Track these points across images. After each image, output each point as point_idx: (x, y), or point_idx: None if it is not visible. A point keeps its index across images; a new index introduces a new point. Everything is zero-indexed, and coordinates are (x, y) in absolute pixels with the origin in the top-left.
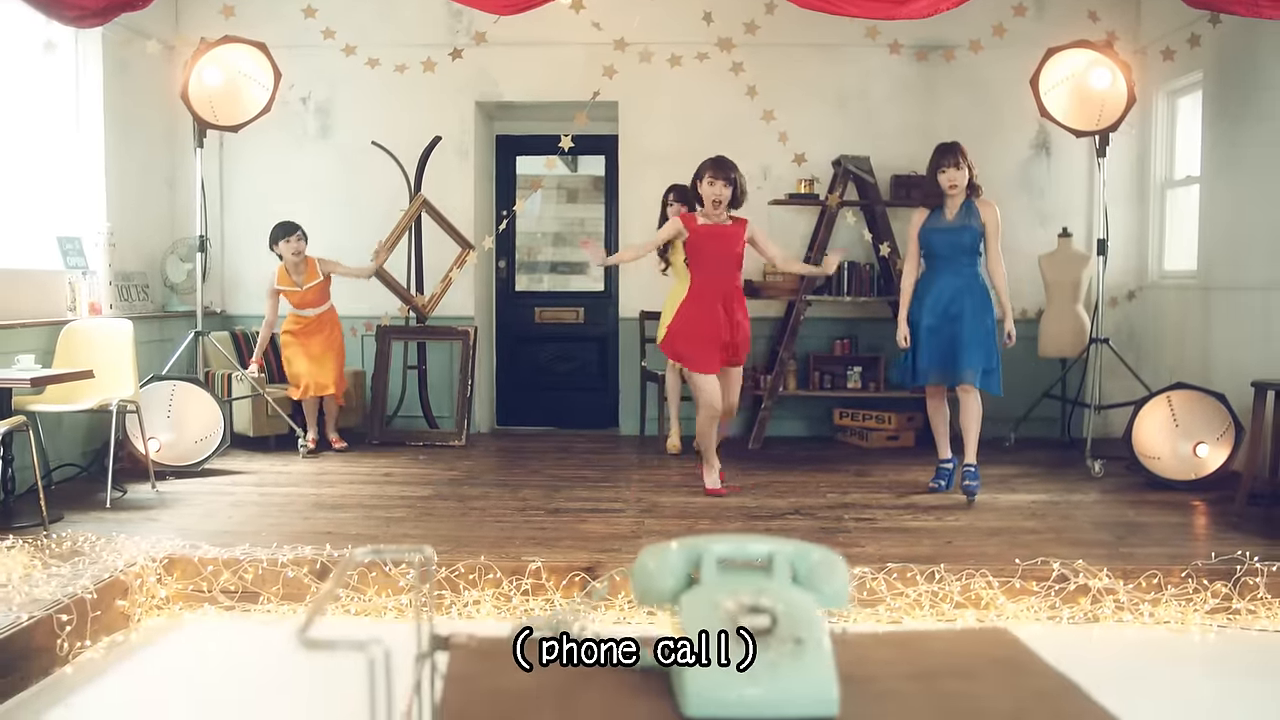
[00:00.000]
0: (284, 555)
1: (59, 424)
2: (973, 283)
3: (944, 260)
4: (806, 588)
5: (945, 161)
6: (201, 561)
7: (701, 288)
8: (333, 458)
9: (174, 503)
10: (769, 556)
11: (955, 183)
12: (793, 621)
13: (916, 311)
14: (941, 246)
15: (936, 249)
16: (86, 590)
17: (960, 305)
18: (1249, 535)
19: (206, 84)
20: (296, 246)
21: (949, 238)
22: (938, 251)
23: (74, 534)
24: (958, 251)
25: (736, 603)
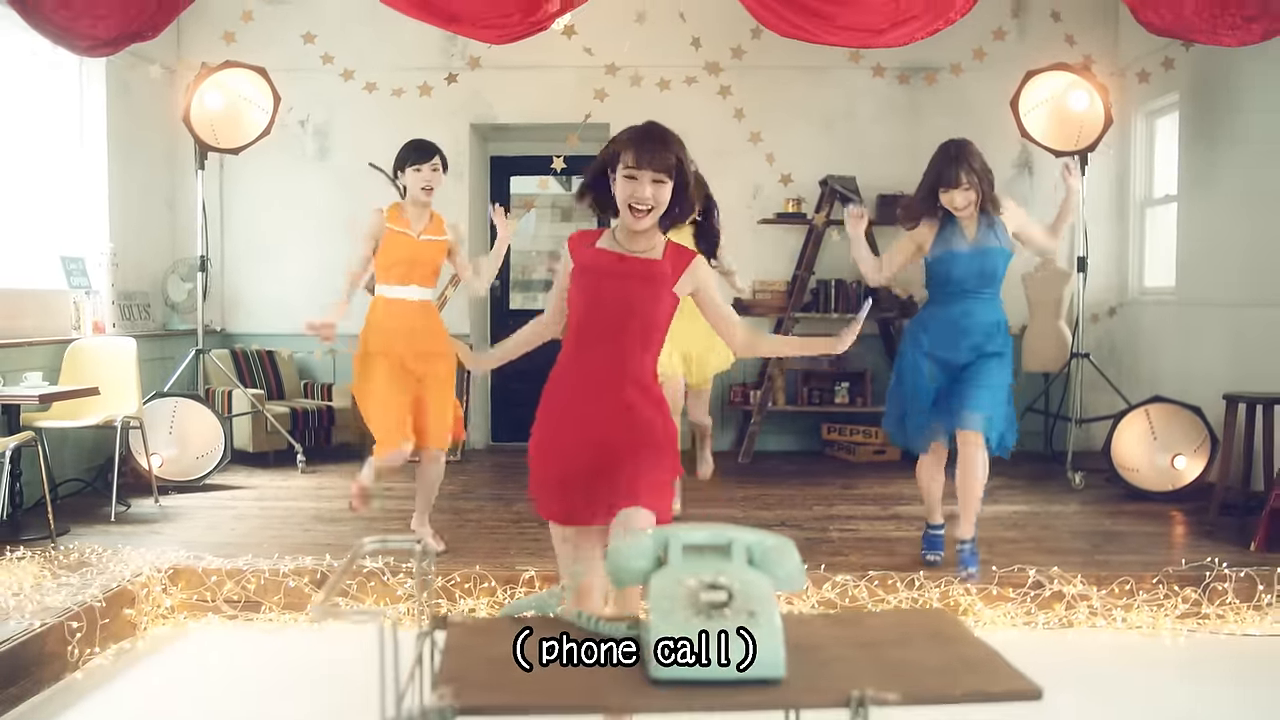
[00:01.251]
0: (285, 566)
1: (64, 440)
2: (994, 322)
3: (960, 294)
4: (762, 570)
5: (948, 178)
6: (205, 572)
7: (583, 360)
8: (330, 471)
9: (177, 516)
10: (728, 542)
11: (960, 207)
12: (747, 597)
13: (913, 353)
14: (960, 276)
15: (953, 279)
16: (96, 599)
17: (977, 350)
18: (1221, 543)
19: (207, 107)
20: (430, 178)
21: (970, 265)
22: (954, 283)
23: (81, 546)
24: (981, 282)
25: (698, 580)
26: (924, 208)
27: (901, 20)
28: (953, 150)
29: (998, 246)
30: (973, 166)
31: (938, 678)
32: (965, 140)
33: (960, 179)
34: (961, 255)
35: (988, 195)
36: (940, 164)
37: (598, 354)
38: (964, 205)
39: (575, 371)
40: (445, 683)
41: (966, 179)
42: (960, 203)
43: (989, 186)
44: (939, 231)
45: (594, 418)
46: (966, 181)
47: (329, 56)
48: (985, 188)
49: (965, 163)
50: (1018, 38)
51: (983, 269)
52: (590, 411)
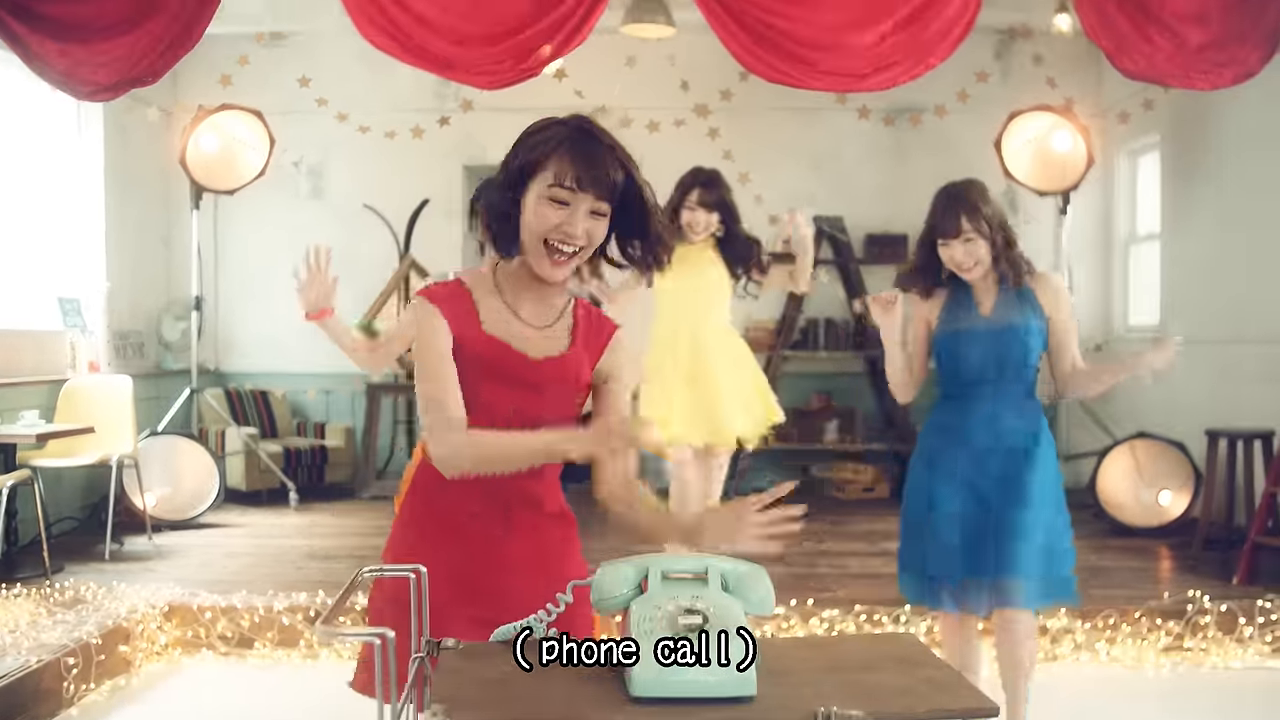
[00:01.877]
0: (279, 603)
1: (58, 479)
2: (1029, 430)
3: (976, 389)
4: (735, 595)
5: (945, 226)
6: (199, 609)
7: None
8: (323, 510)
9: (171, 554)
10: (704, 569)
11: (965, 266)
12: (721, 620)
13: (924, 476)
14: (975, 364)
15: (966, 368)
16: (91, 636)
17: (1008, 474)
18: (1204, 577)
19: (203, 149)
20: None
21: (986, 348)
22: (967, 373)
23: (76, 583)
24: (1000, 370)
25: (675, 605)
26: (924, 273)
27: (884, 66)
28: (951, 192)
29: (1025, 322)
30: (977, 209)
31: (903, 697)
32: (969, 180)
33: (960, 226)
34: (975, 334)
35: (1001, 250)
36: (936, 211)
37: None
38: (968, 263)
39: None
40: (437, 702)
41: (970, 225)
42: (962, 258)
43: (1003, 238)
44: (946, 303)
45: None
46: (970, 228)
47: (324, 100)
48: (997, 238)
49: (966, 205)
50: (1001, 80)
51: (1004, 354)
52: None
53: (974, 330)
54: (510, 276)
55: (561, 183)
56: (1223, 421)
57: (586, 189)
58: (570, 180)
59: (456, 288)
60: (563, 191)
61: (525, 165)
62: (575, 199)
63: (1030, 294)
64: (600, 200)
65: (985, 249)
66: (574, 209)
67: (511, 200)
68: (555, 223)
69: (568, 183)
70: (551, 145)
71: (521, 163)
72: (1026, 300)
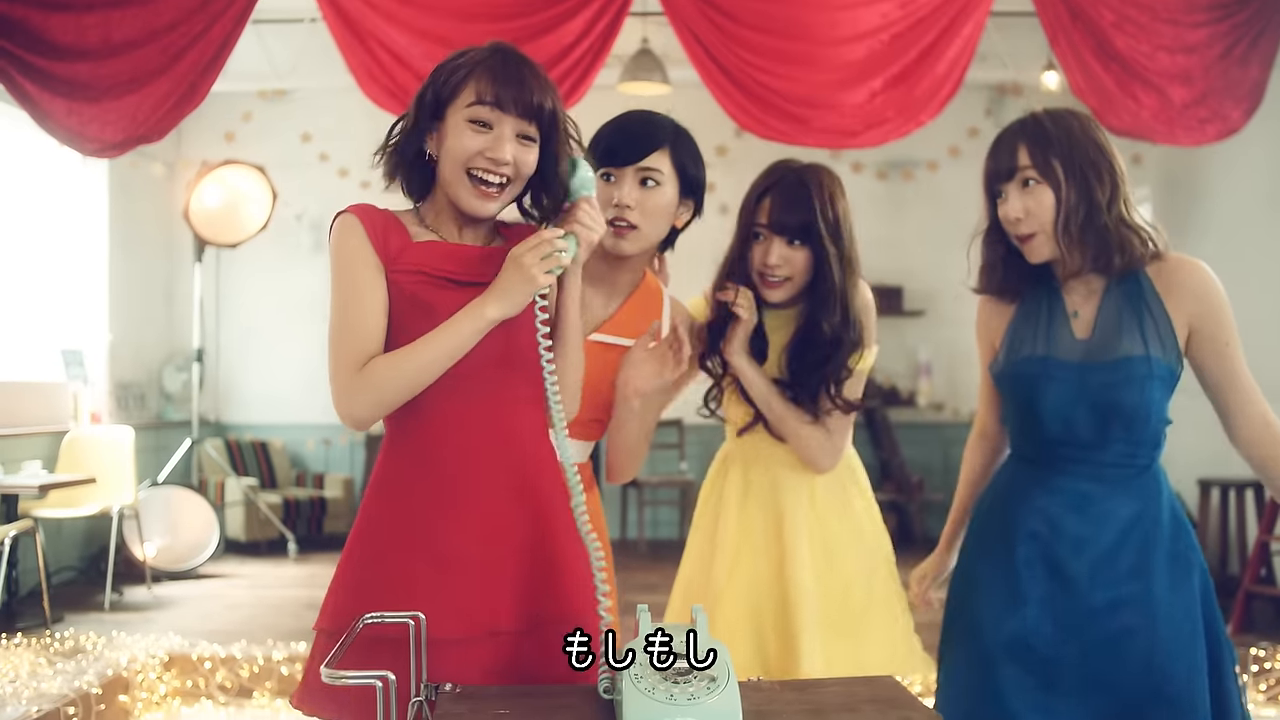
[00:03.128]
0: (278, 653)
1: (59, 529)
2: (1154, 517)
3: (1058, 451)
4: None
5: (997, 166)
6: (199, 659)
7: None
8: (322, 560)
9: (170, 604)
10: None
11: (1020, 231)
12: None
13: (985, 575)
14: (1059, 414)
15: (1044, 421)
16: (91, 686)
17: (1123, 593)
18: None
19: (206, 203)
20: None
21: (1079, 390)
22: (1047, 428)
23: (76, 633)
24: (1104, 430)
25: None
26: (992, 270)
27: (875, 123)
28: (1012, 127)
29: (1143, 353)
30: (1049, 141)
31: None
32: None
33: (1020, 162)
34: (1060, 367)
35: (1091, 217)
36: (991, 154)
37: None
38: (1026, 223)
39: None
40: None
41: (1033, 162)
42: (1016, 214)
43: (1097, 197)
44: (1016, 314)
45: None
46: (1034, 167)
47: (326, 155)
48: (1085, 194)
49: (1031, 133)
50: (992, 135)
51: (1111, 402)
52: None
53: (1062, 360)
54: (438, 215)
55: (483, 100)
56: (1215, 471)
57: (509, 110)
58: (491, 97)
59: (387, 211)
60: (484, 110)
61: (440, 93)
62: (499, 120)
63: (1152, 294)
64: (525, 123)
65: (1051, 202)
66: (498, 132)
67: (426, 135)
68: (478, 148)
69: (489, 99)
70: (469, 67)
71: (436, 91)
72: (1147, 309)
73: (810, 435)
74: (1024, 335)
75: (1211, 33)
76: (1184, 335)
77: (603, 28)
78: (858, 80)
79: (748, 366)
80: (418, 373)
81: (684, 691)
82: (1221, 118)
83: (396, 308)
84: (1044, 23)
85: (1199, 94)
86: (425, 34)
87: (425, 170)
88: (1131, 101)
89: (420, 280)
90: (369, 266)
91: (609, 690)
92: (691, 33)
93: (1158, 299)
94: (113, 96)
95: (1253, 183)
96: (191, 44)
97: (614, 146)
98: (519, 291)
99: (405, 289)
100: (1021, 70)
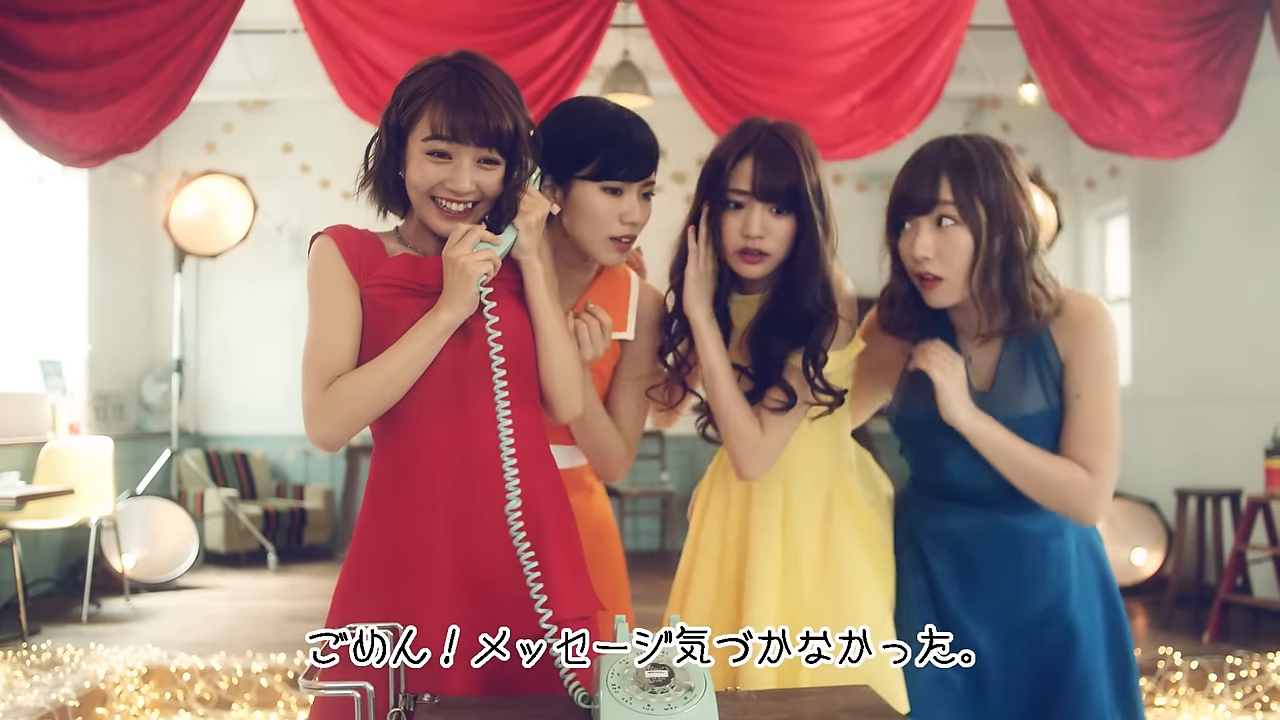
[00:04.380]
0: (258, 665)
1: (36, 541)
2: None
3: (952, 489)
4: None
5: (912, 197)
6: (178, 671)
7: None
8: (302, 572)
9: (148, 616)
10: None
11: (927, 267)
12: (685, 675)
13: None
14: (955, 475)
15: (943, 474)
16: (68, 698)
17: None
18: (1175, 635)
19: (187, 213)
20: None
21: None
22: (945, 485)
23: (53, 646)
24: (995, 474)
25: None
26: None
27: (855, 135)
28: (923, 149)
29: (1044, 406)
30: (976, 176)
31: None
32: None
33: (940, 195)
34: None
35: (1000, 261)
36: (899, 183)
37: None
38: (934, 265)
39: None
40: None
41: (956, 198)
42: (924, 252)
43: (1010, 237)
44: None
45: None
46: (955, 205)
47: (307, 166)
48: (1009, 240)
49: (954, 168)
50: None
51: None
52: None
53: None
54: (416, 231)
55: (438, 134)
56: (1192, 480)
57: (467, 140)
58: (446, 130)
59: (363, 230)
60: (441, 143)
61: (400, 121)
62: (457, 151)
63: (1049, 343)
64: (485, 149)
65: (968, 247)
66: (457, 162)
67: (396, 160)
68: (438, 179)
69: (444, 133)
70: (425, 95)
71: (398, 117)
72: (1045, 356)
73: (747, 431)
74: (919, 382)
75: (1187, 47)
76: (1068, 361)
77: (584, 40)
78: (837, 93)
79: (706, 323)
80: (380, 387)
81: (661, 701)
82: (1197, 131)
83: (370, 322)
84: (1022, 36)
85: (1175, 107)
86: (407, 45)
87: (404, 189)
88: (1108, 114)
89: (393, 293)
90: (341, 287)
91: (587, 699)
92: (672, 45)
93: (1053, 343)
94: (92, 106)
95: (1229, 196)
96: (172, 54)
97: (626, 160)
98: (461, 289)
99: (379, 303)
100: (1000, 83)
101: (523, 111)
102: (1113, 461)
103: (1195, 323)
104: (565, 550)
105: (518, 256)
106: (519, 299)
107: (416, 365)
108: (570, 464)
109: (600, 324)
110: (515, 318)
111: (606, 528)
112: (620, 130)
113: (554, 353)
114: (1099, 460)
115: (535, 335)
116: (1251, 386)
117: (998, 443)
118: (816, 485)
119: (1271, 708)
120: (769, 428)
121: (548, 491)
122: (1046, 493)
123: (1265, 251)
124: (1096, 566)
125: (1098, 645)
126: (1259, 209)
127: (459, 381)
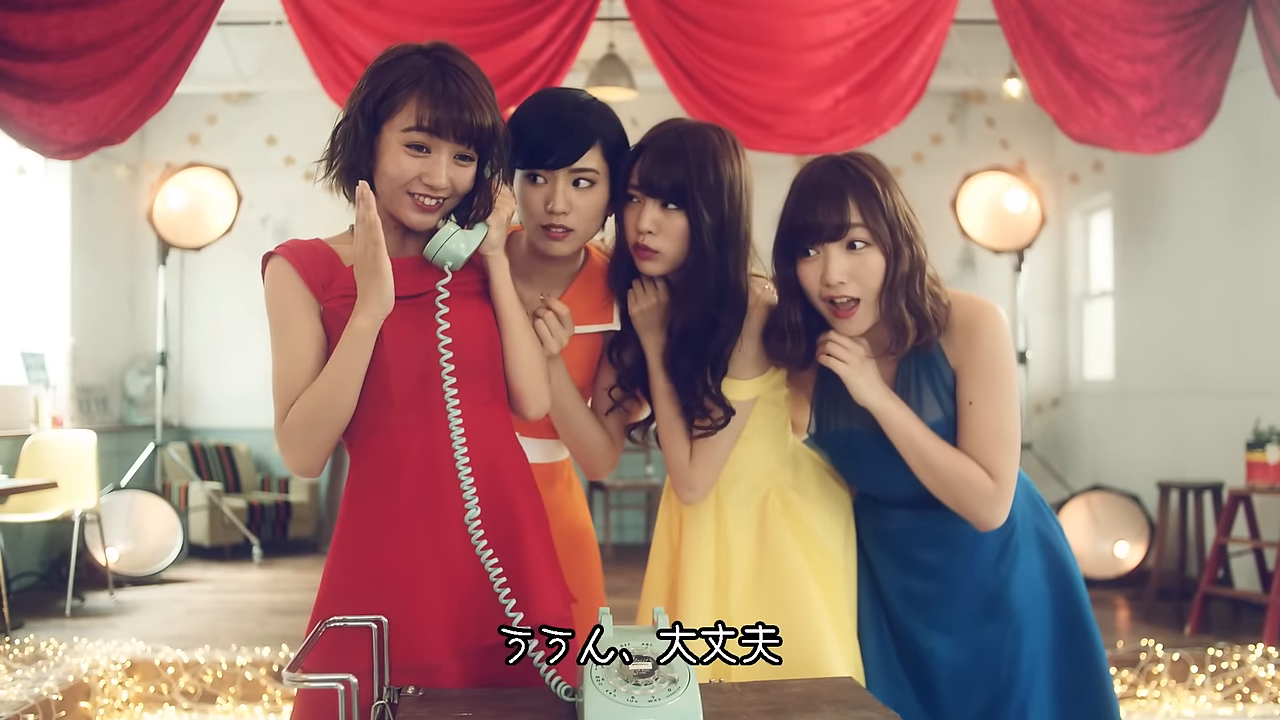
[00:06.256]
0: (242, 658)
1: (19, 534)
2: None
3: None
4: None
5: (821, 224)
6: (162, 665)
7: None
8: (286, 565)
9: (132, 610)
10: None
11: (843, 290)
12: (669, 667)
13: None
14: (872, 476)
15: (867, 481)
16: (52, 692)
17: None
18: (1157, 627)
19: (171, 206)
20: None
21: (879, 454)
22: (877, 490)
23: (37, 639)
24: (912, 483)
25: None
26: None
27: (839, 129)
28: (815, 173)
29: (942, 416)
30: (877, 196)
31: None
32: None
33: (850, 219)
34: (865, 439)
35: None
36: (799, 197)
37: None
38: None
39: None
40: None
41: (864, 220)
42: (839, 277)
43: (922, 254)
44: (818, 380)
45: None
46: (865, 227)
47: (291, 158)
48: (911, 255)
49: (857, 190)
50: (956, 142)
51: None
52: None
53: (860, 435)
54: None
55: (420, 126)
56: (1174, 473)
57: (447, 135)
58: (429, 123)
59: (315, 243)
60: (421, 136)
61: (379, 109)
62: (436, 145)
63: (941, 357)
64: (463, 146)
65: (880, 267)
66: (435, 157)
67: (367, 147)
68: (415, 173)
69: (426, 125)
70: (407, 85)
71: (375, 105)
72: (936, 366)
73: (676, 459)
74: (826, 406)
75: (1170, 42)
76: (958, 368)
77: (569, 33)
78: (822, 86)
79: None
80: (321, 410)
81: (645, 693)
82: (1180, 126)
83: (335, 336)
84: (1006, 31)
85: (1158, 103)
86: (391, 38)
87: (368, 178)
88: (1092, 109)
89: (353, 304)
90: (300, 312)
91: (570, 693)
92: (657, 38)
93: (943, 354)
94: (75, 98)
95: (1211, 191)
96: (155, 45)
97: (545, 147)
98: (372, 288)
99: (341, 315)
100: (984, 78)
101: (496, 108)
102: (1011, 466)
103: (1178, 317)
104: (542, 547)
105: (486, 252)
106: (483, 299)
107: (351, 380)
108: (550, 459)
109: (558, 315)
110: (480, 319)
111: (584, 522)
112: (541, 118)
113: (519, 349)
114: (996, 465)
115: (501, 333)
116: (1233, 380)
117: (905, 428)
118: (752, 491)
119: (1252, 699)
120: (697, 454)
121: (521, 489)
122: (948, 489)
123: (1247, 246)
124: (1048, 555)
125: (1046, 635)
126: (1242, 204)
127: (424, 387)
